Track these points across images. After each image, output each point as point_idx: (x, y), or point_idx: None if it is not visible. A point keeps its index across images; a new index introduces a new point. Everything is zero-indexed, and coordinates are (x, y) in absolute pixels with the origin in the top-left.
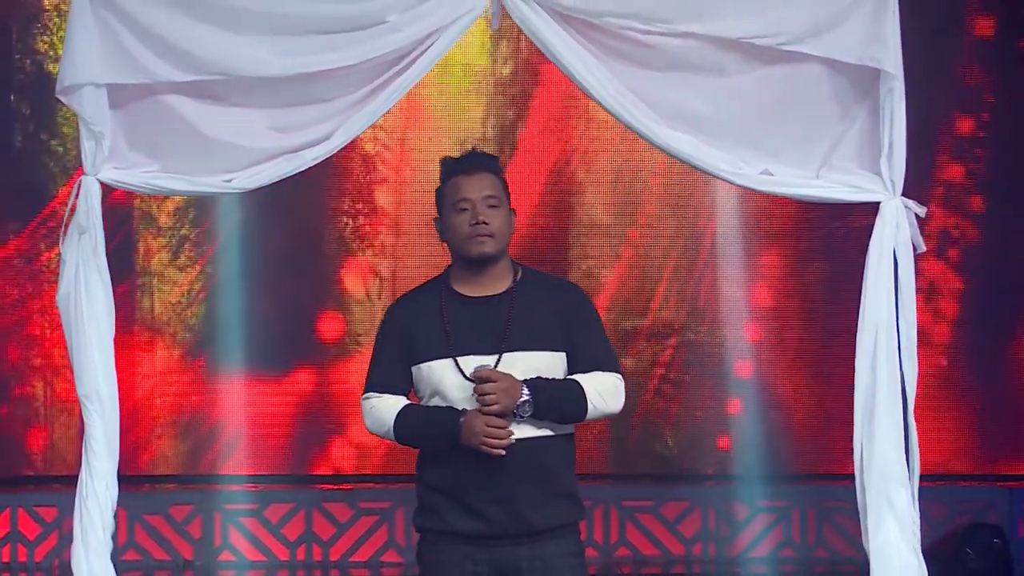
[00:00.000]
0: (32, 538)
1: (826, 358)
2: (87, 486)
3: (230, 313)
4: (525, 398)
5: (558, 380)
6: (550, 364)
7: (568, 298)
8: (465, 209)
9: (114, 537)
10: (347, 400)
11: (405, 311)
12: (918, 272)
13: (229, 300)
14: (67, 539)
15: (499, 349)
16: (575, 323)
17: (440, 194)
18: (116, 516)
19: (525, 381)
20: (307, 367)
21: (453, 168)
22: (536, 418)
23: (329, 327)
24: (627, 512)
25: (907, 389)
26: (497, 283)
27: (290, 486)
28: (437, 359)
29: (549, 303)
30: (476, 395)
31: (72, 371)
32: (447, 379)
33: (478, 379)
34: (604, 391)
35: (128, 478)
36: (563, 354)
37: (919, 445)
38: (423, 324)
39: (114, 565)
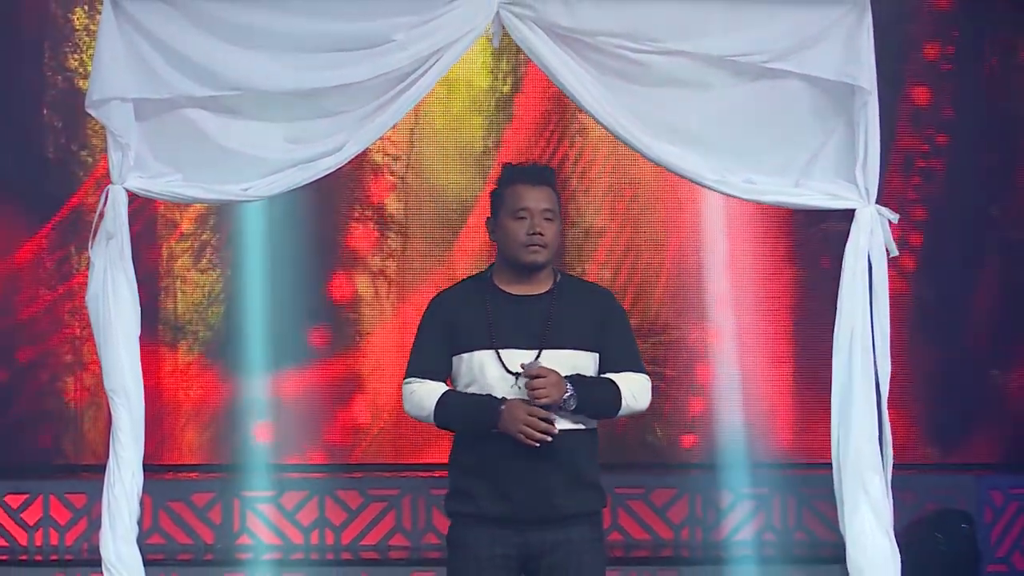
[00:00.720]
0: (63, 523)
1: (806, 355)
2: (114, 475)
3: (248, 312)
4: (570, 393)
5: (597, 378)
6: (584, 362)
7: (603, 303)
8: (523, 218)
9: (139, 522)
10: (357, 393)
11: (450, 303)
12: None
13: (247, 300)
14: (96, 524)
15: (538, 345)
16: (608, 326)
17: (498, 197)
18: (141, 503)
19: (568, 378)
20: (320, 362)
21: (517, 176)
22: (576, 414)
23: (340, 324)
24: (619, 499)
25: (880, 385)
26: (539, 285)
27: (304, 475)
28: (480, 350)
29: (585, 306)
30: (527, 388)
31: (100, 367)
32: (488, 369)
33: (529, 374)
34: (636, 390)
35: (152, 467)
36: (596, 354)
37: (891, 436)
38: (467, 317)
39: (139, 548)
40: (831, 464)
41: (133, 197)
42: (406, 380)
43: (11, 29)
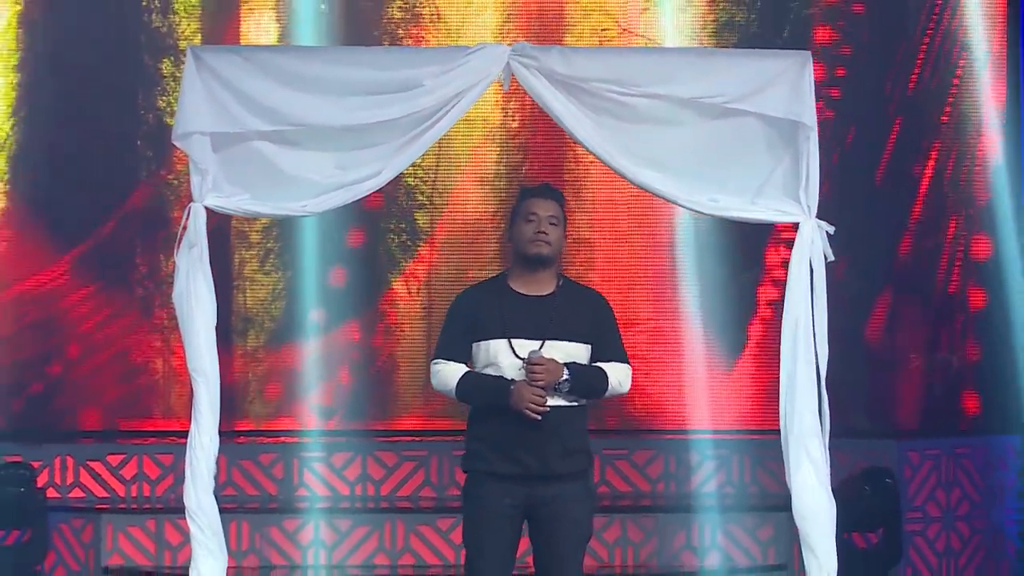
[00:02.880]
0: (154, 478)
1: (760, 342)
2: (195, 439)
3: (304, 307)
4: (565, 377)
5: (590, 366)
6: (579, 352)
7: (596, 304)
8: (532, 220)
9: (216, 477)
10: (394, 373)
11: (472, 300)
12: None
13: (303, 297)
14: (180, 479)
15: (543, 336)
16: (600, 323)
17: (515, 211)
18: (217, 462)
19: (566, 365)
20: (363, 348)
21: (529, 192)
22: (570, 394)
23: (379, 317)
24: (607, 459)
25: (820, 365)
26: (544, 286)
27: (350, 439)
28: (495, 339)
29: (582, 306)
30: (528, 372)
31: (184, 351)
32: (502, 355)
33: (531, 361)
34: (621, 378)
35: (226, 433)
36: (589, 345)
37: (828, 408)
38: (485, 311)
39: (215, 498)
40: (779, 431)
41: (211, 213)
42: (434, 361)
43: (111, 76)
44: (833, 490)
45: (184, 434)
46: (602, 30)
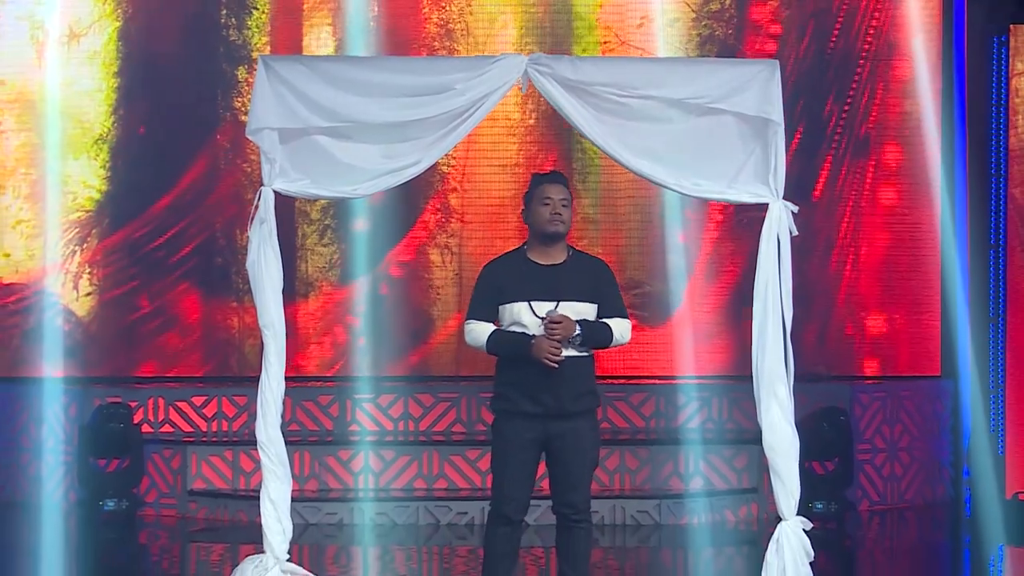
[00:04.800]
0: (231, 416)
1: (735, 302)
2: (265, 383)
3: (356, 273)
4: (577, 332)
5: (597, 321)
6: (587, 310)
7: (600, 270)
8: (548, 203)
9: (282, 415)
10: (431, 328)
11: (497, 270)
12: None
13: (355, 265)
14: (253, 417)
15: (557, 298)
16: (604, 286)
17: (529, 195)
18: (283, 402)
19: (578, 322)
20: (406, 307)
21: (543, 179)
22: (581, 346)
23: (418, 281)
24: (608, 400)
25: (786, 322)
26: (557, 257)
27: (394, 383)
28: (518, 301)
29: (588, 272)
30: (546, 328)
31: (256, 309)
32: (524, 315)
33: (550, 319)
34: (622, 331)
35: (291, 377)
36: (595, 305)
37: (793, 357)
38: (509, 279)
39: (282, 433)
40: (752, 377)
41: (278, 195)
42: (467, 321)
43: (195, 81)
44: (796, 426)
45: (256, 379)
46: (604, 43)
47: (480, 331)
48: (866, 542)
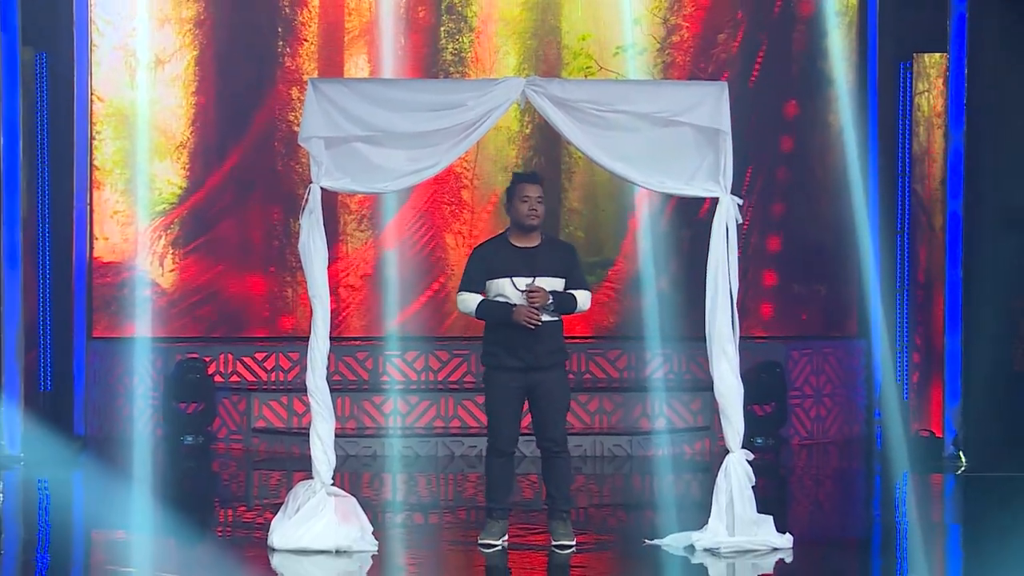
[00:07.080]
0: (286, 368)
1: (694, 277)
2: (314, 342)
3: (386, 255)
4: (550, 301)
5: (565, 292)
6: (557, 284)
7: (567, 251)
8: (526, 201)
9: (327, 368)
10: (445, 299)
11: (485, 251)
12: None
13: (386, 248)
14: (304, 369)
15: (533, 274)
16: (571, 265)
17: (511, 191)
18: (329, 358)
19: (551, 292)
20: (427, 280)
21: (522, 178)
22: (553, 312)
23: (435, 261)
24: (589, 355)
25: (733, 293)
26: (533, 241)
27: (416, 342)
28: (502, 277)
29: (558, 253)
30: (527, 298)
31: (306, 283)
32: (507, 288)
33: (530, 290)
34: (585, 300)
35: (335, 338)
36: (563, 279)
37: (739, 321)
38: (495, 258)
39: (327, 382)
40: (705, 337)
41: (324, 191)
42: (459, 291)
43: (257, 98)
44: (741, 376)
45: (306, 339)
46: (586, 68)
47: (470, 300)
48: (797, 470)
